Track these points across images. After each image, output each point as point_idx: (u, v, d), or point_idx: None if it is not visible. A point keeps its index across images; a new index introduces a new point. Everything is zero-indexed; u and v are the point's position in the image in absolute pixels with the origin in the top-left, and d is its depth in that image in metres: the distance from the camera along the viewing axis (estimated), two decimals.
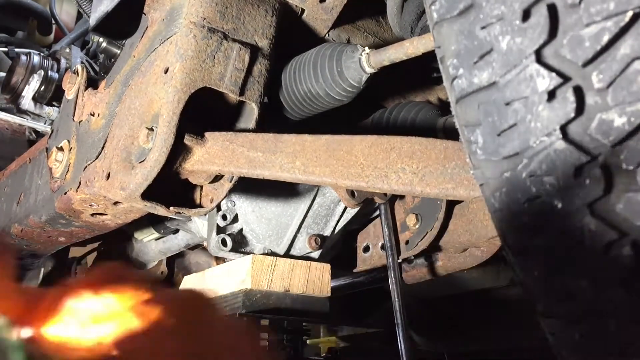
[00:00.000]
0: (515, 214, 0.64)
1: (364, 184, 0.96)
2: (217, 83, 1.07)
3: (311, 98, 1.18)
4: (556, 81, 0.57)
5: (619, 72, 0.54)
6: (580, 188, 0.58)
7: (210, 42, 1.07)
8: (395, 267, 1.43)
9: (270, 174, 1.04)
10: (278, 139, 1.05)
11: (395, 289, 1.39)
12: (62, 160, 1.31)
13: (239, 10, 1.12)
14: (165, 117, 1.02)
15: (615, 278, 0.59)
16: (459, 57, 0.65)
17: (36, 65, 2.04)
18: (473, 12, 0.63)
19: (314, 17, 1.24)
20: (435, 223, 1.46)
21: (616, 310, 0.60)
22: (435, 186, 0.91)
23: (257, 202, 1.44)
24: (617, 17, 0.53)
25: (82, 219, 1.30)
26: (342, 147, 0.99)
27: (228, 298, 1.38)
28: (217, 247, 1.37)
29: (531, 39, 0.58)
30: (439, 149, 0.93)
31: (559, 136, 0.58)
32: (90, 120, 1.29)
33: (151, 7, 1.23)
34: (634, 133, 0.55)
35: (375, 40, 1.40)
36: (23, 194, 1.51)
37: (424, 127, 1.32)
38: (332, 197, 1.50)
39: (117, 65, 1.32)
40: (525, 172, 0.61)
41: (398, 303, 1.37)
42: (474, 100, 0.64)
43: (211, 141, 1.08)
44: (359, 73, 1.10)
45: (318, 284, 1.42)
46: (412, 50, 1.01)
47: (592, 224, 0.58)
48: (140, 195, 1.06)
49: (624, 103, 0.54)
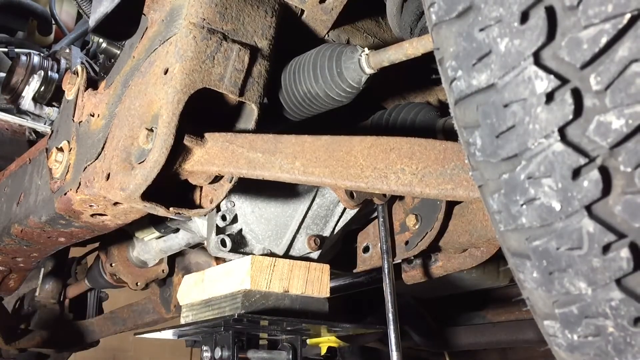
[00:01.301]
0: (514, 216, 0.64)
1: (363, 184, 0.97)
2: (217, 84, 1.07)
3: (311, 99, 1.18)
4: (554, 83, 0.57)
5: (617, 75, 0.54)
6: (579, 190, 0.58)
7: (210, 43, 1.07)
8: (391, 269, 1.43)
9: (269, 175, 1.04)
10: (278, 139, 1.05)
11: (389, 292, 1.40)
12: (62, 161, 1.31)
13: (238, 11, 1.12)
14: (165, 118, 1.02)
15: (614, 279, 0.59)
16: (458, 58, 0.65)
17: (36, 66, 2.04)
18: (472, 14, 0.63)
19: (314, 17, 1.25)
20: (435, 223, 1.46)
21: (614, 311, 0.60)
22: (434, 187, 0.91)
23: (256, 202, 1.44)
24: (615, 19, 0.53)
25: (82, 220, 1.30)
26: (342, 148, 1.00)
27: (227, 298, 1.38)
28: (216, 248, 1.38)
29: (529, 41, 0.58)
30: (439, 150, 0.93)
31: (557, 138, 0.58)
32: (90, 121, 1.29)
33: (151, 8, 1.23)
34: (632, 135, 0.55)
35: (374, 41, 1.40)
36: (23, 195, 1.51)
37: (423, 128, 1.32)
38: (331, 197, 1.50)
39: (117, 65, 1.32)
40: (523, 174, 0.61)
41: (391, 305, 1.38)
42: (472, 101, 0.64)
43: (211, 142, 1.08)
44: (358, 74, 1.10)
45: (317, 284, 1.42)
46: (412, 51, 1.01)
47: (591, 226, 0.58)
48: (140, 196, 1.06)
49: (622, 105, 0.54)
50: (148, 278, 2.20)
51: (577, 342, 0.65)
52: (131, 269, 2.17)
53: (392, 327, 1.36)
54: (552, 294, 0.64)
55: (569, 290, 0.62)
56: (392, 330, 1.36)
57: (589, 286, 0.61)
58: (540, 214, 0.61)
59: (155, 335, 1.65)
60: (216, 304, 1.42)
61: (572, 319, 0.64)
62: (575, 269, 0.61)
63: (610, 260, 0.58)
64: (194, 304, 1.51)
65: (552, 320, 0.66)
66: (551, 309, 0.65)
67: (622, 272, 0.58)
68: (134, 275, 2.18)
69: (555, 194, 0.59)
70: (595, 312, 0.61)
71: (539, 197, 0.61)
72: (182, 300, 1.55)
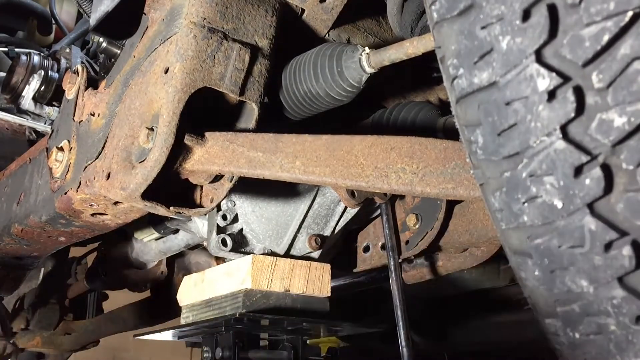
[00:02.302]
0: (516, 214, 0.64)
1: (364, 184, 0.97)
2: (217, 83, 1.07)
3: (311, 98, 1.18)
4: (556, 81, 0.57)
5: (619, 72, 0.54)
6: (580, 188, 0.58)
7: (210, 42, 1.07)
8: (397, 267, 1.43)
9: (270, 174, 1.04)
10: (278, 139, 1.05)
11: (397, 288, 1.39)
12: (62, 160, 1.31)
13: (239, 10, 1.12)
14: (165, 117, 1.02)
15: (615, 277, 0.59)
16: (459, 57, 0.65)
17: (36, 65, 2.04)
18: (473, 12, 0.63)
19: (314, 17, 1.25)
20: (435, 223, 1.46)
21: (616, 309, 0.60)
22: (435, 186, 0.91)
23: (257, 202, 1.44)
24: (617, 17, 0.53)
25: (82, 219, 1.30)
26: (342, 147, 0.99)
27: (228, 298, 1.38)
28: (217, 247, 1.38)
29: (531, 38, 0.58)
30: (439, 148, 0.93)
31: (559, 136, 0.58)
32: (90, 120, 1.29)
33: (151, 7, 1.23)
34: (634, 133, 0.55)
35: (375, 40, 1.40)
36: (23, 194, 1.51)
37: (424, 127, 1.32)
38: (332, 197, 1.50)
39: (117, 65, 1.32)
40: (525, 172, 0.61)
41: (399, 303, 1.37)
42: (474, 100, 0.64)
43: (211, 141, 1.08)
44: (359, 73, 1.10)
45: (318, 284, 1.42)
46: (412, 50, 1.01)
47: (592, 224, 0.58)
48: (140, 195, 1.06)
49: (624, 103, 0.54)
50: (147, 279, 2.20)
51: (578, 341, 0.65)
52: (130, 270, 2.17)
53: (402, 323, 1.35)
54: (554, 292, 0.64)
55: (570, 288, 0.62)
56: (401, 327, 1.35)
57: (590, 284, 0.61)
58: (542, 212, 0.61)
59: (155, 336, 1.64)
60: (217, 304, 1.42)
61: (574, 317, 0.64)
62: (577, 267, 0.61)
63: (612, 258, 0.58)
64: (194, 304, 1.51)
65: (553, 318, 0.66)
66: (553, 307, 0.65)
67: (624, 270, 0.58)
68: (133, 276, 2.18)
69: (557, 192, 0.59)
70: (597, 310, 0.61)
71: (541, 195, 0.61)
72: (182, 300, 1.55)
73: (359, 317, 2.65)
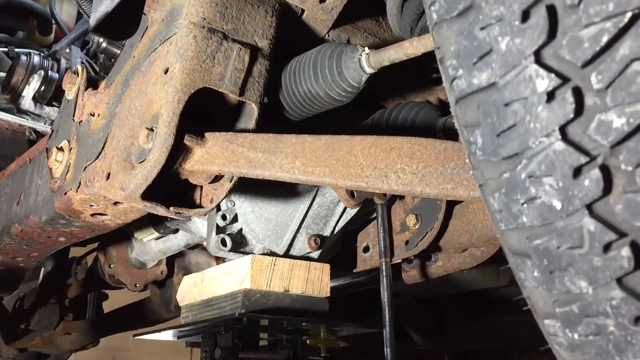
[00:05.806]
0: (515, 215, 0.64)
1: (363, 184, 0.97)
2: (217, 83, 1.07)
3: (311, 98, 1.18)
4: (555, 82, 0.57)
5: (618, 73, 0.54)
6: (580, 189, 0.58)
7: (210, 43, 1.07)
8: (388, 269, 1.43)
9: (270, 174, 1.04)
10: (278, 139, 1.05)
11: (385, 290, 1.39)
12: (62, 161, 1.31)
13: (239, 11, 1.12)
14: (165, 118, 1.02)
15: (614, 278, 0.59)
16: (459, 57, 0.65)
17: (36, 65, 2.04)
18: (472, 12, 0.63)
19: (314, 17, 1.25)
20: (435, 223, 1.46)
21: (615, 310, 0.60)
22: (435, 186, 0.91)
23: (256, 202, 1.44)
24: (616, 18, 0.53)
25: (82, 219, 1.30)
26: (342, 148, 1.00)
27: (227, 298, 1.38)
28: (216, 247, 1.38)
29: (530, 39, 0.58)
30: (439, 149, 0.93)
31: (558, 137, 0.58)
32: (90, 121, 1.29)
33: (151, 8, 1.23)
34: (633, 134, 0.55)
35: (375, 40, 1.41)
36: (23, 194, 1.51)
37: (423, 128, 1.32)
38: (331, 197, 1.50)
39: (117, 65, 1.32)
40: (524, 173, 0.61)
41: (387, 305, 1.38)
42: (473, 100, 0.64)
43: (211, 141, 1.08)
44: (358, 73, 1.10)
45: (317, 284, 1.42)
46: (412, 50, 1.01)
47: (591, 225, 0.58)
48: (140, 196, 1.06)
49: (623, 104, 0.54)
50: (147, 279, 2.20)
51: (577, 341, 0.65)
52: (130, 270, 2.17)
53: (388, 327, 1.36)
54: (553, 293, 0.64)
55: (569, 289, 0.62)
56: (387, 331, 1.36)
57: (589, 285, 0.61)
58: (541, 212, 0.61)
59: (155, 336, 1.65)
60: (216, 303, 1.42)
61: (573, 318, 0.64)
62: (576, 267, 0.61)
63: (611, 259, 0.58)
64: (193, 304, 1.51)
65: (552, 319, 0.66)
66: (552, 308, 0.65)
67: (623, 271, 0.58)
68: (132, 276, 2.18)
69: (556, 193, 0.59)
70: (596, 311, 0.61)
71: (540, 196, 0.61)
72: (182, 300, 1.55)
73: (360, 317, 2.65)
